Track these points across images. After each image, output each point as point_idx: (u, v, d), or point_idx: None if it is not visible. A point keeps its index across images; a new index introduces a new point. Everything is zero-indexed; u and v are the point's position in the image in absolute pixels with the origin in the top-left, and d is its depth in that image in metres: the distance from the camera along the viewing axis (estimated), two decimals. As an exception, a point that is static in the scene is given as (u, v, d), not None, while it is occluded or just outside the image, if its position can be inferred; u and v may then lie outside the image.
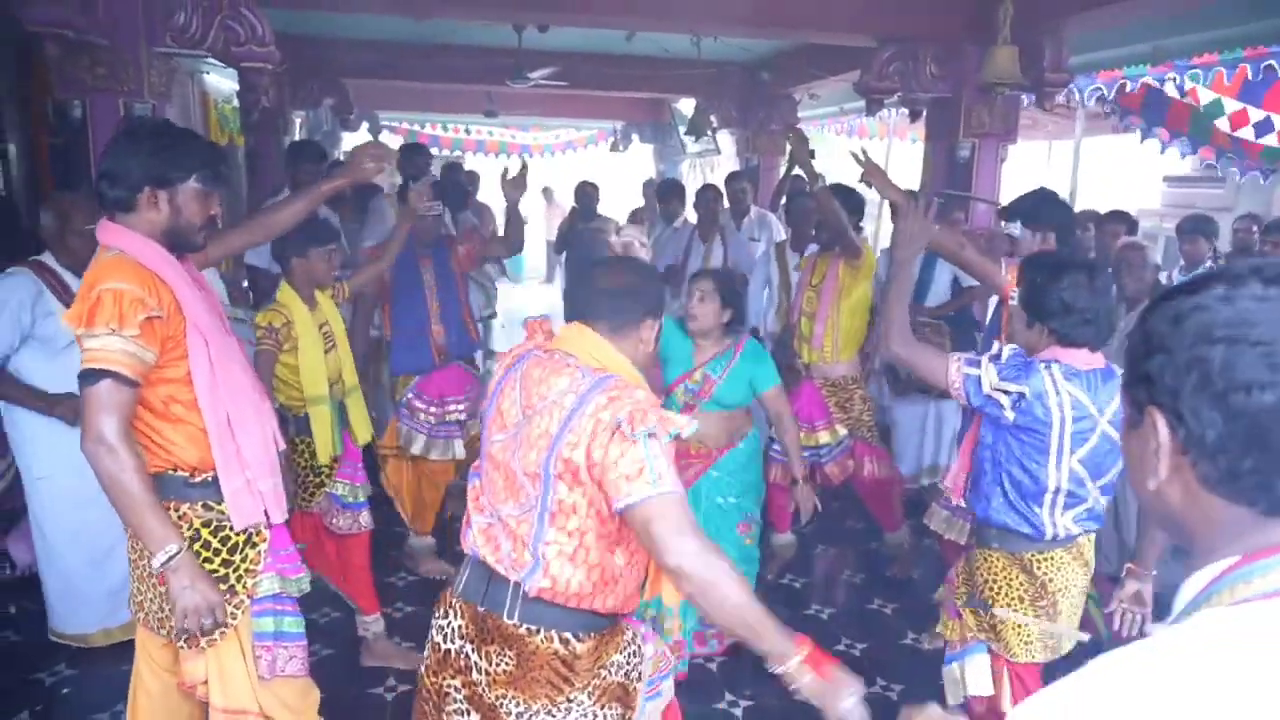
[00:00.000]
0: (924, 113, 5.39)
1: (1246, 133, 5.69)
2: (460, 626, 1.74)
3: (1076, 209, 6.37)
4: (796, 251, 4.79)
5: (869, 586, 4.08)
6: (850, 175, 3.57)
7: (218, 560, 2.02)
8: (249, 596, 2.06)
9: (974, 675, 2.28)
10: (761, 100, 7.80)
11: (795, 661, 1.47)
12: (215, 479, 1.99)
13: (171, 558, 1.85)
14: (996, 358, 2.15)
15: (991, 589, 2.26)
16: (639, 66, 7.67)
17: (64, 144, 4.18)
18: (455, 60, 7.40)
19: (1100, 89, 5.78)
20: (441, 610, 1.79)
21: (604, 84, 8.07)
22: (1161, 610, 3.83)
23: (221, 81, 7.08)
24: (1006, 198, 5.31)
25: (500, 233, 4.68)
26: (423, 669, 1.82)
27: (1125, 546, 3.99)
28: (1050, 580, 2.21)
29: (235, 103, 7.23)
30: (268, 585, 2.10)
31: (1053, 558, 2.22)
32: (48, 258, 3.06)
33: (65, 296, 3.01)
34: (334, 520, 3.11)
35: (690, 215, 5.75)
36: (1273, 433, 0.73)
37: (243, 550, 2.05)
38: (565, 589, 1.63)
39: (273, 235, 2.54)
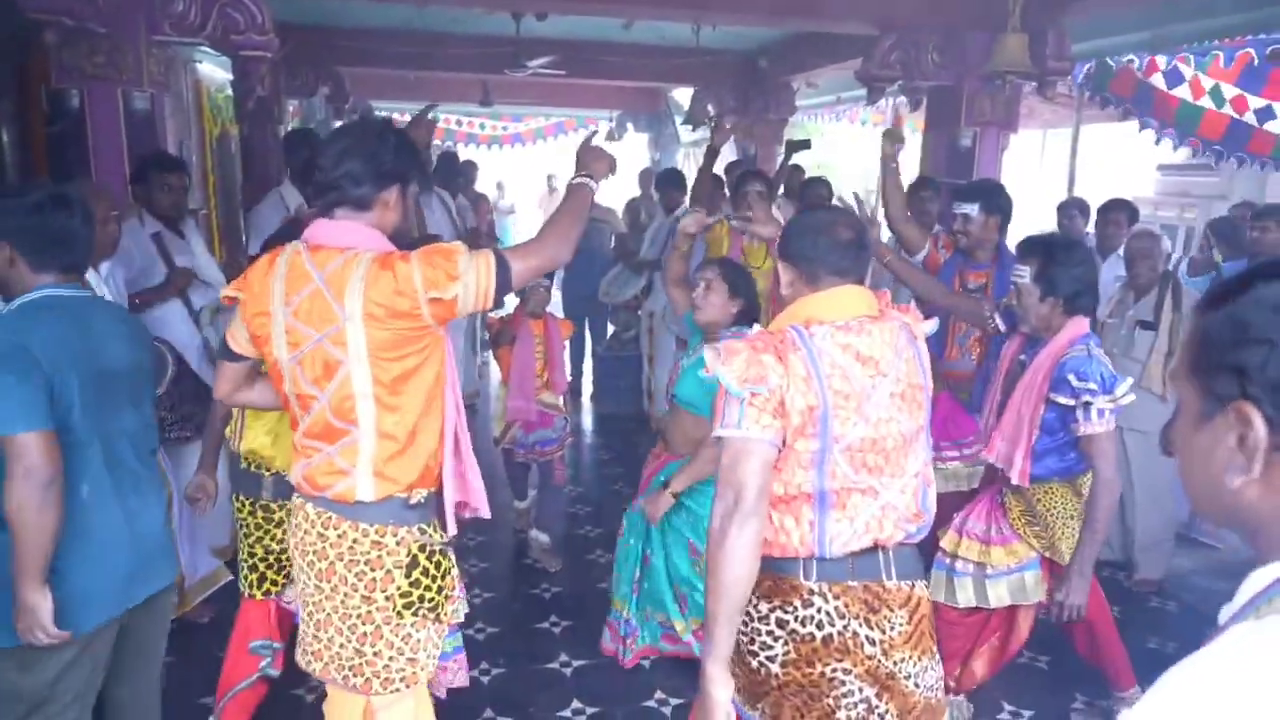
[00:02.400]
0: (923, 101, 5.38)
1: (1250, 119, 5.69)
2: (837, 608, 1.71)
3: (1069, 197, 6.39)
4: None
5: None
6: (850, 167, 3.59)
7: (434, 587, 1.92)
8: (448, 624, 1.99)
9: (1033, 584, 2.66)
10: (759, 89, 7.78)
11: None
12: (429, 498, 1.92)
13: None
14: (1104, 390, 2.43)
15: (1053, 514, 2.63)
16: (637, 55, 7.64)
17: (60, 133, 4.13)
18: (452, 49, 7.34)
19: (1082, 74, 5.78)
20: (794, 603, 1.71)
21: (601, 73, 8.02)
22: (1166, 597, 3.86)
23: (215, 70, 7.01)
24: (1007, 187, 5.33)
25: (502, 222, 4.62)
26: (775, 668, 1.73)
27: (1129, 533, 4.02)
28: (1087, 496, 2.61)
29: (228, 91, 7.16)
30: (459, 613, 2.05)
31: (1089, 477, 2.60)
32: None
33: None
34: None
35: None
36: None
37: (447, 575, 1.96)
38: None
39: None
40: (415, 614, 1.88)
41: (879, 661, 1.72)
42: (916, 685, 1.76)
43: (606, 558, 4.16)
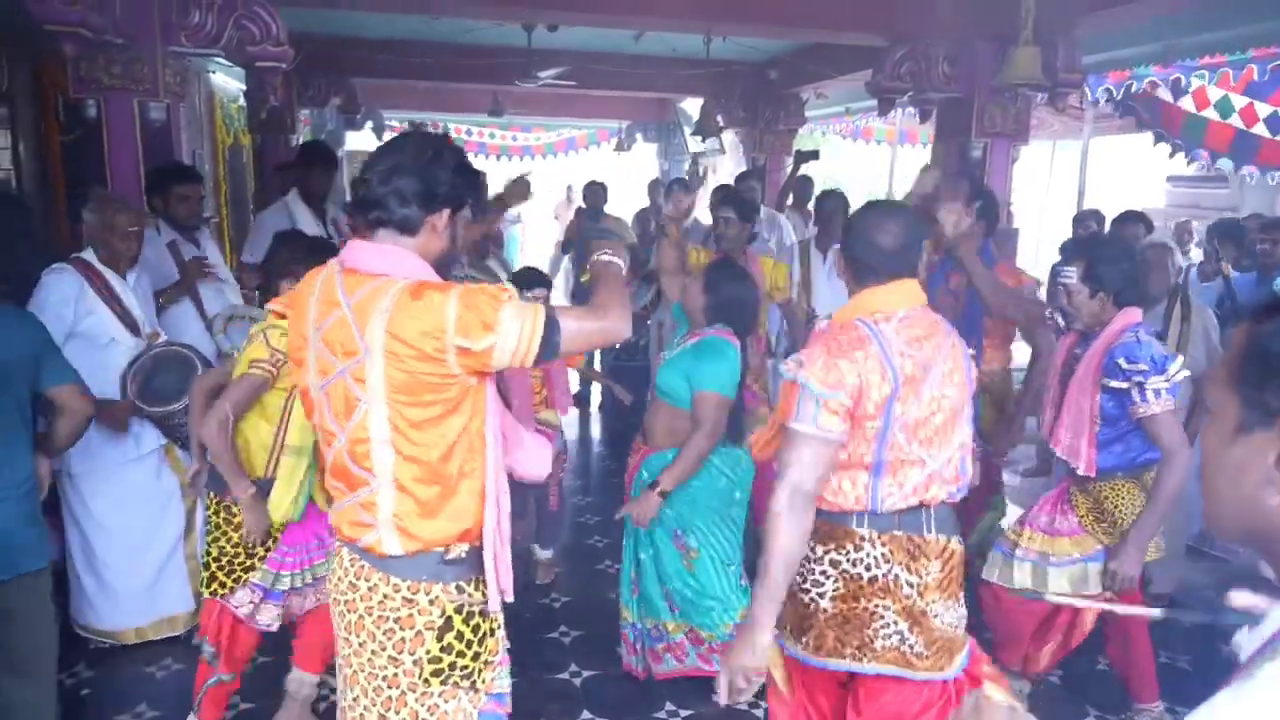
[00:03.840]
0: (933, 113, 5.38)
1: (1260, 129, 5.69)
2: (884, 553, 1.97)
3: (1086, 209, 6.39)
4: (821, 251, 4.85)
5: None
6: (851, 176, 3.65)
7: (469, 654, 1.73)
8: (488, 693, 1.79)
9: (1095, 576, 2.72)
10: (769, 100, 7.80)
11: None
12: (469, 554, 1.72)
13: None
14: (1156, 370, 2.49)
15: (1120, 510, 2.69)
16: (647, 66, 7.68)
17: (76, 142, 4.16)
18: (464, 60, 7.39)
19: (1110, 89, 5.79)
20: (847, 547, 1.97)
21: (612, 84, 8.07)
22: (1179, 608, 3.82)
23: (228, 81, 7.07)
24: (1016, 198, 5.33)
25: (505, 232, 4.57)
26: (825, 603, 1.99)
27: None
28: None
29: (241, 102, 7.22)
30: (502, 681, 1.84)
31: (1155, 471, 2.66)
32: (89, 254, 3.08)
33: (107, 294, 3.05)
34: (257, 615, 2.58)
35: (701, 214, 5.74)
36: None
37: (486, 639, 1.77)
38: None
39: None
40: (444, 682, 1.70)
41: (914, 601, 1.97)
42: (942, 622, 2.02)
43: (615, 567, 4.15)
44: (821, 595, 2.00)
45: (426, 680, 1.69)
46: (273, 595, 2.58)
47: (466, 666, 1.72)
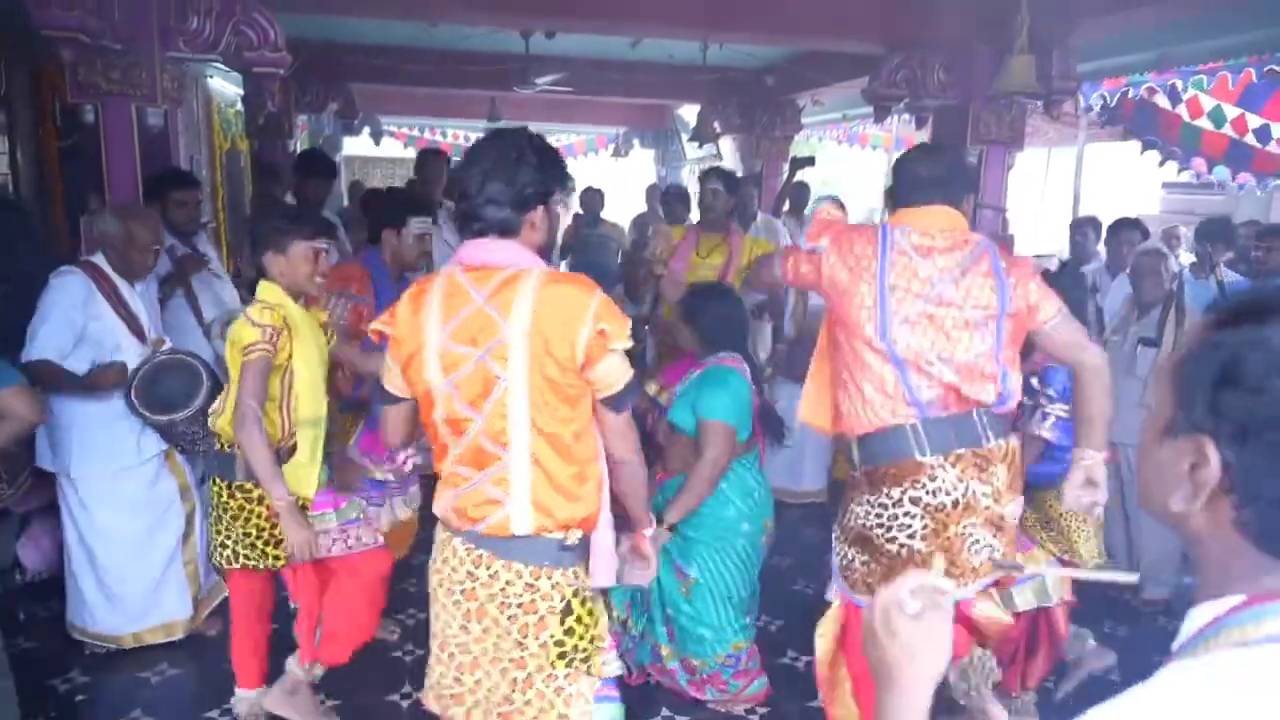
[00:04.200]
0: (929, 119, 5.40)
1: (1250, 139, 5.73)
2: (958, 474, 2.06)
3: (1078, 216, 6.41)
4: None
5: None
6: (848, 182, 3.65)
7: (587, 637, 1.80)
8: (600, 677, 1.85)
9: (1056, 586, 2.78)
10: (765, 106, 7.82)
11: None
12: (584, 540, 1.81)
13: None
14: (1061, 399, 2.64)
15: (1065, 518, 2.85)
16: (644, 72, 7.69)
17: (73, 147, 4.16)
18: (461, 66, 7.40)
19: (1103, 96, 5.81)
20: (922, 480, 2.06)
21: (609, 90, 8.08)
22: (1174, 616, 3.84)
23: (225, 86, 7.08)
24: (1012, 204, 5.35)
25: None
26: (917, 543, 2.06)
27: (1135, 546, 4.01)
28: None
29: (239, 107, 7.23)
30: (611, 666, 1.88)
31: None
32: (101, 260, 3.08)
33: (115, 300, 3.05)
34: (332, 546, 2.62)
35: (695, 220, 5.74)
36: None
37: (599, 622, 1.85)
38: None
39: None
40: (569, 664, 1.79)
41: (993, 508, 2.08)
42: (1013, 522, 2.15)
43: (613, 573, 4.14)
44: (912, 537, 2.06)
45: (553, 663, 1.78)
46: (354, 522, 2.66)
47: (585, 649, 1.80)
